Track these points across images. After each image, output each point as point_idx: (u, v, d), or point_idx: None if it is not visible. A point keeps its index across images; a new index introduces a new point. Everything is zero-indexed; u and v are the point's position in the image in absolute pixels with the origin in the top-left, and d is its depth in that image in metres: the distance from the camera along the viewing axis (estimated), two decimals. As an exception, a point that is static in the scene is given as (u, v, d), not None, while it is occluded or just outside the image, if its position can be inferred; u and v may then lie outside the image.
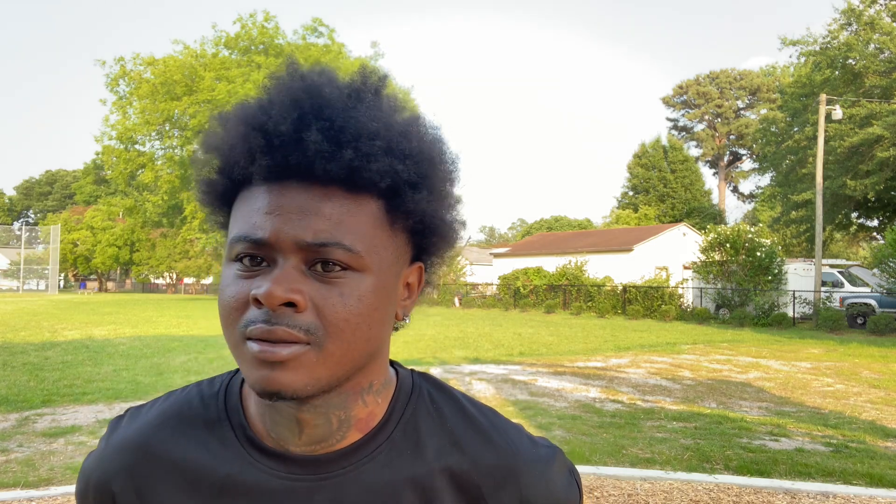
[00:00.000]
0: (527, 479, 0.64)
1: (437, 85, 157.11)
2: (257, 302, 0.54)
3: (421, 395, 0.68)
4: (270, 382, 0.54)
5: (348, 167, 0.55)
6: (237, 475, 0.61)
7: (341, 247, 0.55)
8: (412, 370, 0.71)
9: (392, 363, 0.70)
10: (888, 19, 24.69)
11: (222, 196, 0.61)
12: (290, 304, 0.54)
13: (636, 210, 49.34)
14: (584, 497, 4.13)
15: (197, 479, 0.62)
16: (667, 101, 59.63)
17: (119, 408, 6.80)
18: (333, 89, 0.58)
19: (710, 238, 23.14)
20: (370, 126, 0.57)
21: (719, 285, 22.89)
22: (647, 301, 24.53)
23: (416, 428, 0.65)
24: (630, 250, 30.45)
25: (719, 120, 56.39)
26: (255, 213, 0.56)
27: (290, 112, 0.56)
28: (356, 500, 0.61)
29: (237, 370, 0.69)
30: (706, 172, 57.31)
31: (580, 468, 4.71)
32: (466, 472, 0.63)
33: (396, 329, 0.69)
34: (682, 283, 24.82)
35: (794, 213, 28.88)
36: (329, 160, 0.55)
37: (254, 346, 0.54)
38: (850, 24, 25.13)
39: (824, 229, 24.35)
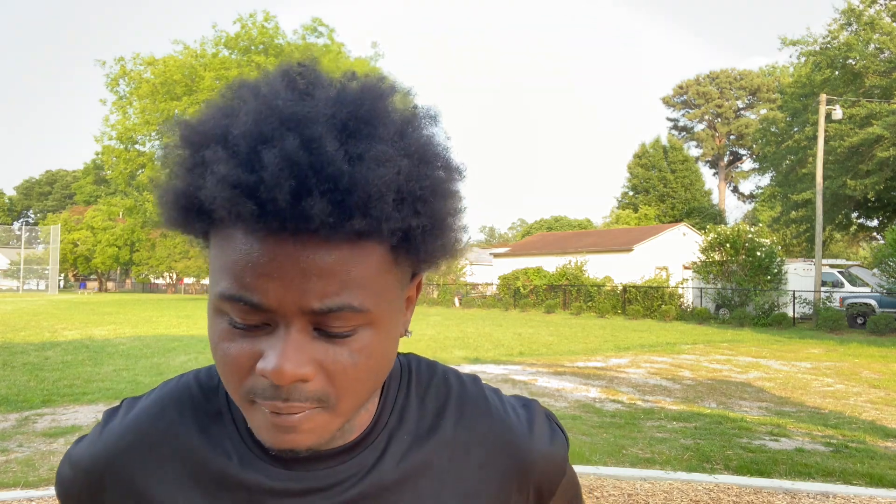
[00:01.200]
0: (518, 440, 0.67)
1: (437, 85, 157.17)
2: (267, 377, 0.51)
3: (410, 377, 0.68)
4: (283, 443, 0.53)
5: (358, 232, 0.49)
6: (238, 469, 0.61)
7: (350, 309, 0.50)
8: (398, 353, 0.70)
9: None
10: (888, 19, 24.69)
11: (196, 215, 0.52)
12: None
13: (636, 210, 49.34)
14: (585, 497, 4.13)
15: (197, 470, 0.61)
16: (667, 101, 59.65)
17: (119, 408, 6.80)
18: (331, 133, 0.48)
19: (710, 238, 23.14)
20: (380, 178, 0.47)
21: (719, 285, 22.89)
22: (647, 301, 24.53)
23: (410, 411, 0.66)
24: (630, 250, 30.45)
25: (719, 120, 56.40)
26: (245, 269, 0.49)
27: (286, 175, 0.46)
28: (359, 492, 0.61)
29: None
30: (706, 172, 57.40)
31: (580, 468, 4.72)
32: (463, 443, 0.65)
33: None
34: (682, 283, 24.82)
35: (793, 213, 28.89)
36: (336, 230, 0.48)
37: (265, 412, 0.53)
38: (850, 24, 25.13)
39: (824, 229, 24.35)
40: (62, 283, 60.57)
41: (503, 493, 0.66)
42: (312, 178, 0.46)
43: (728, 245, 22.37)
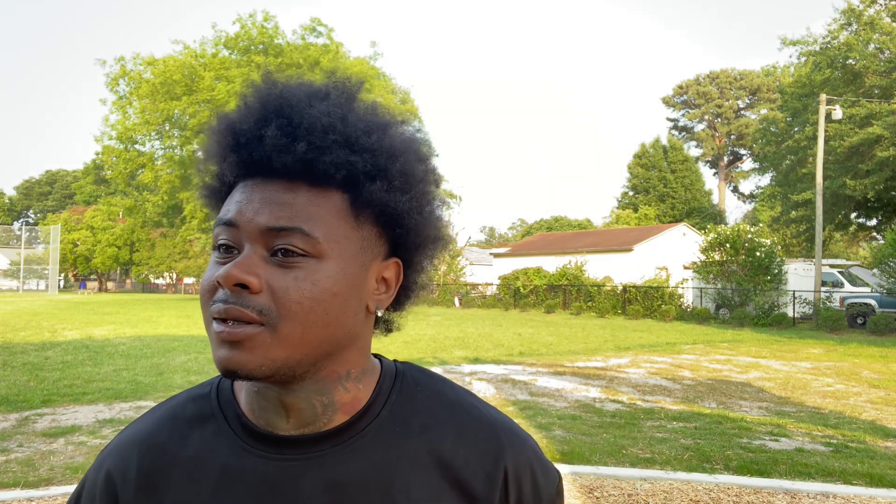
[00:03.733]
0: (506, 447, 0.68)
1: (437, 85, 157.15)
2: (218, 284, 0.58)
3: (405, 379, 0.71)
4: (229, 362, 0.57)
5: (302, 159, 0.59)
6: (233, 463, 0.64)
7: (299, 231, 0.58)
8: (395, 360, 0.74)
9: (375, 355, 0.73)
10: (888, 19, 24.69)
11: (217, 197, 0.67)
12: (245, 287, 0.57)
13: (636, 210, 49.33)
14: (585, 497, 4.14)
15: (197, 473, 0.64)
16: (667, 101, 59.66)
17: (119, 408, 6.80)
18: (297, 92, 0.63)
19: (710, 238, 23.14)
20: (324, 121, 0.60)
21: (719, 285, 22.89)
22: (647, 301, 24.53)
23: (403, 408, 0.68)
24: (630, 250, 30.45)
25: (719, 120, 56.41)
26: (230, 203, 0.62)
27: (255, 112, 0.62)
28: (350, 475, 0.63)
29: None
30: (706, 172, 57.41)
31: (580, 468, 4.72)
32: (451, 445, 0.66)
33: (388, 328, 0.73)
34: (682, 283, 24.82)
35: (793, 212, 28.90)
36: (283, 153, 0.59)
37: (217, 327, 0.58)
38: (850, 24, 25.13)
39: (824, 229, 24.35)
40: (62, 283, 60.56)
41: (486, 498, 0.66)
42: (273, 114, 0.61)
43: (728, 245, 22.37)
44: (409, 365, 0.74)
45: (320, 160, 0.59)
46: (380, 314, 0.68)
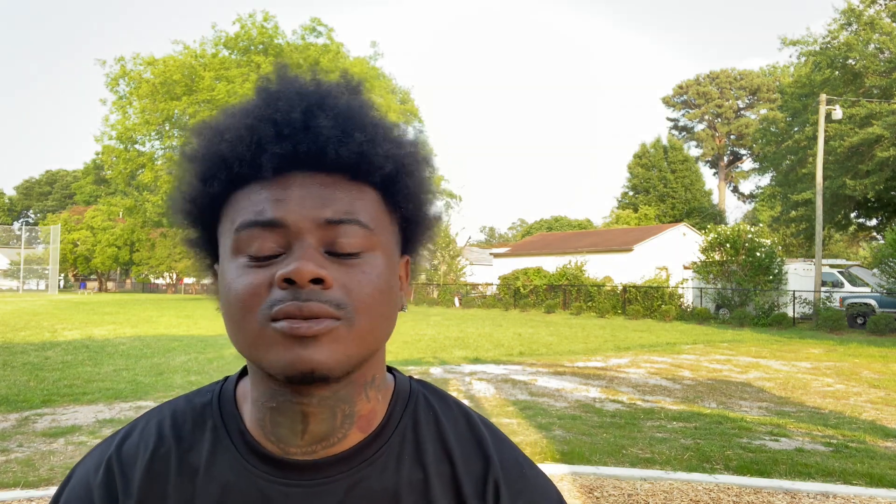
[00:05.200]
0: (509, 495, 0.64)
1: (436, 85, 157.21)
2: (285, 282, 0.53)
3: (419, 401, 0.68)
4: (303, 361, 0.53)
5: (358, 151, 0.57)
6: (234, 483, 0.61)
7: (358, 223, 0.57)
8: (410, 377, 0.71)
9: (389, 368, 0.70)
10: (888, 19, 24.68)
11: (207, 204, 0.61)
12: (318, 282, 0.54)
13: (636, 210, 49.33)
14: (585, 497, 4.13)
15: (196, 489, 0.61)
16: (667, 101, 59.68)
17: (119, 408, 6.80)
18: (332, 84, 0.61)
19: (710, 238, 23.15)
20: (372, 114, 0.60)
21: (719, 285, 22.89)
22: (647, 301, 24.53)
23: (414, 434, 0.65)
24: (630, 250, 30.45)
25: (719, 120, 56.41)
26: (259, 203, 0.57)
27: (298, 102, 0.58)
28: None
29: (226, 379, 0.69)
30: (706, 172, 57.41)
31: (580, 468, 4.72)
32: (458, 480, 0.63)
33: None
34: (682, 283, 24.82)
35: (793, 212, 28.89)
36: (340, 145, 0.56)
37: (282, 324, 0.53)
38: (850, 24, 25.13)
39: (823, 229, 24.34)
40: (62, 283, 60.56)
41: None
42: (317, 106, 0.58)
43: (728, 245, 22.37)
44: (424, 384, 0.71)
45: (373, 153, 0.58)
46: (405, 309, 0.67)
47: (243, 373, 0.69)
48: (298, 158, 0.57)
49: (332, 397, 0.59)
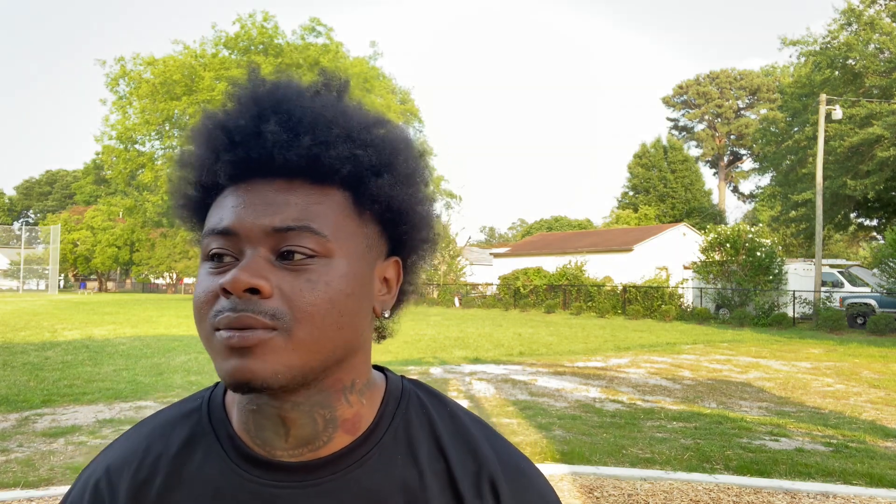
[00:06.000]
0: (506, 492, 0.63)
1: (436, 85, 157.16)
2: (224, 291, 0.54)
3: (411, 400, 0.67)
4: (240, 371, 0.53)
5: (307, 155, 0.56)
6: (224, 488, 0.60)
7: (308, 230, 0.55)
8: (402, 376, 0.70)
9: (381, 368, 0.69)
10: (888, 19, 24.68)
11: (197, 208, 0.63)
12: (256, 291, 0.54)
13: (636, 210, 49.33)
14: (585, 497, 4.13)
15: (186, 497, 0.61)
16: (667, 101, 59.67)
17: (119, 408, 6.80)
18: (291, 88, 0.60)
19: (710, 238, 23.15)
20: (326, 115, 0.58)
21: (719, 285, 22.89)
22: (647, 301, 24.53)
23: (407, 433, 0.64)
24: (630, 250, 30.45)
25: (719, 120, 56.42)
26: (222, 209, 0.58)
27: (250, 108, 0.58)
28: None
29: (217, 384, 0.69)
30: (706, 172, 57.40)
31: (580, 468, 4.72)
32: (454, 478, 0.62)
33: (382, 334, 0.69)
34: (682, 283, 24.82)
35: (793, 212, 28.90)
36: (287, 148, 0.56)
37: (221, 334, 0.54)
38: (850, 25, 25.13)
39: (823, 229, 24.35)
40: (62, 283, 60.56)
41: None
42: (269, 110, 0.57)
43: (728, 245, 22.37)
44: (418, 384, 0.70)
45: (326, 155, 0.57)
46: (388, 318, 0.66)
47: None
48: (252, 165, 0.57)
49: (306, 402, 0.59)
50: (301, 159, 0.56)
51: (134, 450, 0.64)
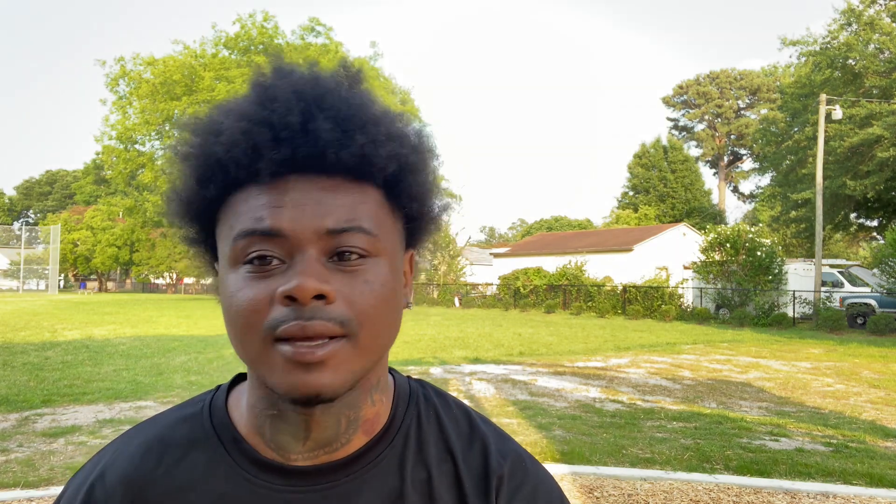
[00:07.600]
0: (513, 491, 0.63)
1: (436, 85, 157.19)
2: (287, 299, 0.51)
3: (419, 401, 0.67)
4: (308, 385, 0.52)
5: (360, 154, 0.54)
6: (231, 493, 0.59)
7: (361, 230, 0.54)
8: (408, 376, 0.70)
9: (388, 368, 0.69)
10: (888, 19, 24.69)
11: (203, 207, 0.58)
12: (320, 297, 0.51)
13: (636, 210, 49.34)
14: (585, 497, 4.13)
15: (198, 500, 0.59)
16: (667, 101, 59.68)
17: (119, 408, 6.80)
18: (330, 79, 0.57)
19: (710, 238, 23.15)
20: (373, 112, 0.57)
21: (719, 285, 22.89)
22: (647, 301, 24.53)
23: (417, 434, 0.64)
24: (630, 250, 30.45)
25: (719, 120, 56.42)
26: (258, 209, 0.54)
27: (295, 103, 0.54)
28: None
29: (217, 388, 0.67)
30: (706, 172, 57.42)
31: (580, 468, 4.72)
32: (461, 478, 0.62)
33: None
34: (682, 283, 24.82)
35: (793, 212, 28.91)
36: (341, 148, 0.54)
37: (286, 349, 0.51)
38: (849, 25, 25.13)
39: (823, 229, 24.35)
40: (62, 283, 60.55)
41: None
42: (315, 106, 0.54)
43: (728, 245, 22.38)
44: (423, 383, 0.70)
45: (376, 154, 0.55)
46: (411, 306, 0.66)
47: (234, 382, 0.67)
48: (297, 162, 0.54)
49: (337, 405, 0.58)
50: (354, 158, 0.54)
51: (131, 455, 0.62)
